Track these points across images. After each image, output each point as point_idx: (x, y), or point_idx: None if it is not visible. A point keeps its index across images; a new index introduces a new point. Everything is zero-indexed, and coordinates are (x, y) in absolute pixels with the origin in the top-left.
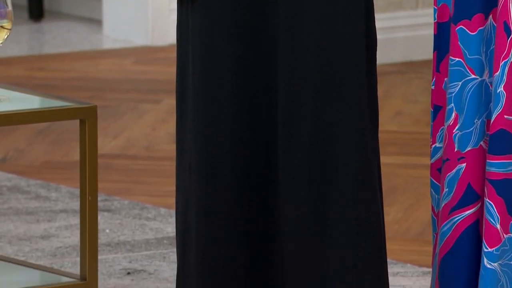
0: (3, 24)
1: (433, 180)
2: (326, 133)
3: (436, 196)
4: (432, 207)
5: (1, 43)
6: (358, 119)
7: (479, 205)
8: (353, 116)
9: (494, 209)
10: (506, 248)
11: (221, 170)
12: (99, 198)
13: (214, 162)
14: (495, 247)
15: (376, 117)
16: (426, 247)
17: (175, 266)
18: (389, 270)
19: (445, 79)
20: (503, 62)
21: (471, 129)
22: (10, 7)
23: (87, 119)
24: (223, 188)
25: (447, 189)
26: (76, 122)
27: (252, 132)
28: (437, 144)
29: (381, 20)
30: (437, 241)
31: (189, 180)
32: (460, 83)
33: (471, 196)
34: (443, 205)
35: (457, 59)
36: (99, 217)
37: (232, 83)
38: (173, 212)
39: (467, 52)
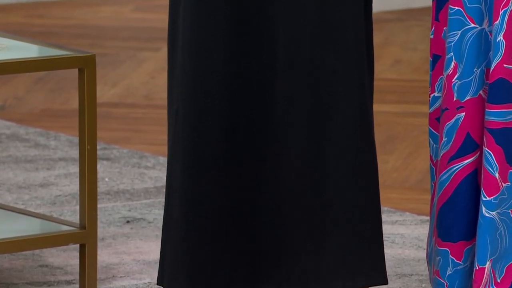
0: None
1: (431, 129)
2: (326, 83)
3: (434, 145)
4: (431, 157)
5: None
6: (357, 69)
7: (477, 154)
8: (352, 66)
9: (493, 158)
10: (504, 197)
11: (209, 119)
12: (98, 147)
13: (202, 110)
14: (494, 196)
15: (372, 69)
16: (425, 196)
17: None
18: (388, 219)
19: (444, 28)
20: (502, 11)
21: (470, 78)
22: None
23: (85, 68)
24: (210, 137)
25: (446, 139)
26: (75, 69)
27: (244, 81)
28: (436, 94)
29: None
30: (435, 190)
31: (175, 128)
32: (460, 32)
33: (470, 145)
34: (441, 154)
35: (456, 8)
36: (98, 166)
37: (223, 30)
38: None
39: (466, 1)
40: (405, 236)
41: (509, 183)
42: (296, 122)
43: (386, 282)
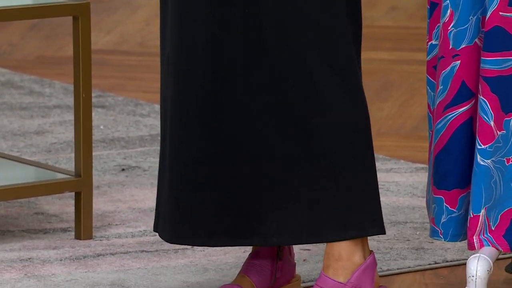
0: None
1: (429, 77)
2: (306, 35)
3: (431, 93)
4: (428, 105)
5: None
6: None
7: (473, 102)
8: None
9: (488, 106)
10: (499, 145)
11: (195, 64)
12: (93, 94)
13: (188, 56)
14: (489, 144)
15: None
16: (420, 143)
17: None
18: (382, 167)
19: None
20: None
21: (466, 26)
22: None
23: (80, 15)
24: (196, 83)
25: (442, 87)
26: (70, 16)
27: (228, 29)
28: (433, 42)
29: None
30: (432, 138)
31: (166, 74)
32: None
33: (465, 94)
34: (437, 102)
35: None
36: (93, 114)
37: None
38: None
39: None
40: (400, 184)
41: (504, 131)
42: (281, 64)
43: (383, 232)
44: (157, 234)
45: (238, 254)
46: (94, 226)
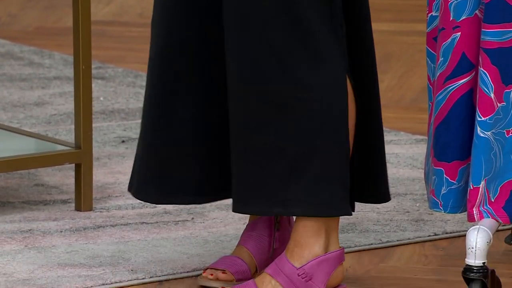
0: None
1: (429, 49)
2: None
3: (432, 65)
4: (428, 76)
5: None
6: None
7: (473, 74)
8: None
9: (488, 78)
10: (499, 117)
11: (177, 24)
12: (92, 66)
13: (170, 18)
14: (489, 116)
15: None
16: (420, 115)
17: None
18: None
19: None
20: None
21: None
22: None
23: None
24: (180, 40)
25: (442, 58)
26: None
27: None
28: (433, 13)
29: None
30: (432, 110)
31: (151, 39)
32: None
33: (465, 65)
34: (438, 74)
35: None
36: (93, 85)
37: None
38: None
39: None
40: (399, 155)
41: (504, 103)
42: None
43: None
44: (157, 206)
45: (238, 226)
46: (94, 197)
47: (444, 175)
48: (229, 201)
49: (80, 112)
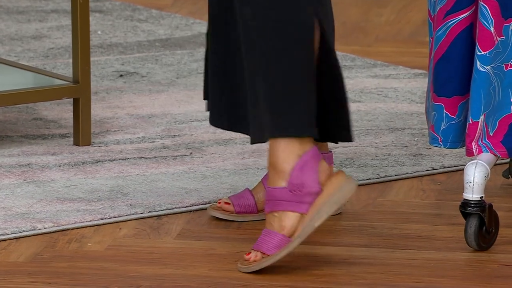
0: None
1: None
2: None
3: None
4: (429, 11)
5: None
6: None
7: (473, 8)
8: None
9: (488, 12)
10: (499, 51)
11: None
12: None
13: None
14: (488, 51)
15: None
16: (419, 48)
17: (167, 69)
18: (381, 73)
19: None
20: None
21: None
22: None
23: None
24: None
25: None
26: None
27: None
28: None
29: None
30: (432, 45)
31: None
32: None
33: None
34: (438, 9)
35: None
36: (90, 19)
37: None
38: (164, 13)
39: None
40: (398, 90)
41: (504, 37)
42: None
43: (350, 140)
44: (155, 140)
45: (236, 161)
46: (93, 132)
47: (444, 111)
48: (227, 136)
49: (77, 46)
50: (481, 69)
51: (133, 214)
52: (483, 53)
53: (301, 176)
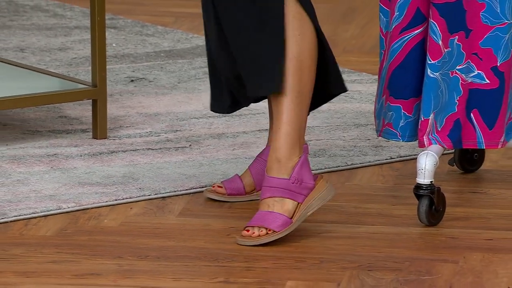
0: None
1: (382, 5)
2: None
3: (384, 19)
4: (381, 29)
5: None
6: None
7: (425, 25)
8: None
9: (437, 28)
10: (446, 60)
11: None
12: (106, 17)
13: None
14: (437, 60)
15: None
16: (378, 58)
17: (171, 75)
18: (347, 78)
19: None
20: None
21: None
22: None
23: None
24: None
25: (398, 13)
26: None
27: None
28: None
29: None
30: (385, 57)
31: None
32: None
33: (419, 18)
34: (393, 26)
35: None
36: (106, 33)
37: None
38: (168, 29)
39: None
40: (362, 92)
41: (450, 49)
42: None
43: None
44: (160, 135)
45: (228, 151)
46: (108, 128)
47: (402, 111)
48: (221, 131)
49: (96, 56)
50: (431, 75)
51: (142, 196)
52: (432, 62)
53: (300, 172)
